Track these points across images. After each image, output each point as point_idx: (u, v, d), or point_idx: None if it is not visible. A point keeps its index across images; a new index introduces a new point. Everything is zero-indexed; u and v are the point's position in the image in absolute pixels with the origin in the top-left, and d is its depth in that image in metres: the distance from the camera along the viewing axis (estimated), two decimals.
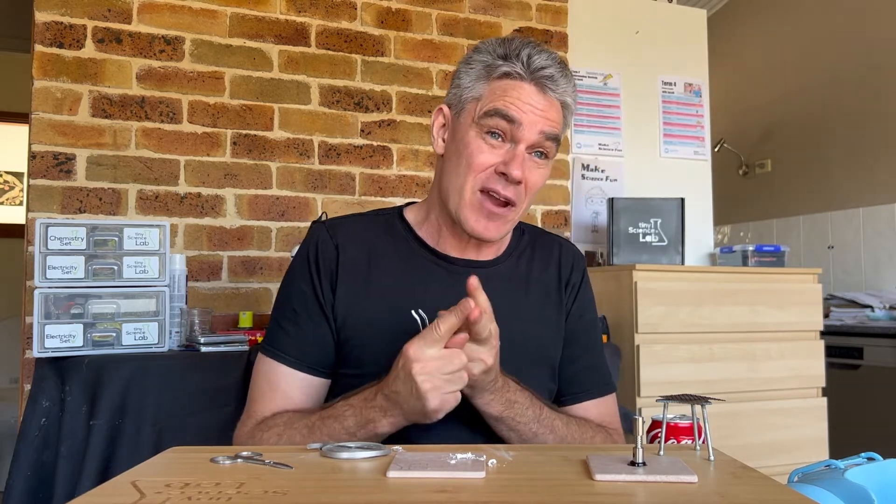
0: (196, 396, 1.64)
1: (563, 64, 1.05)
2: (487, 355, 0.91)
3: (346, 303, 1.05)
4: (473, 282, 0.89)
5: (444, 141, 1.09)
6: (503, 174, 1.01)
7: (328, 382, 1.08)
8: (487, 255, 1.12)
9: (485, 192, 1.02)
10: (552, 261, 1.18)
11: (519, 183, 1.02)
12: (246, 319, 2.03)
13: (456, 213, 1.04)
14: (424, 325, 0.95)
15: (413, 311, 1.02)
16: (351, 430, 0.93)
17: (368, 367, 1.01)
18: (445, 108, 1.10)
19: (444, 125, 1.10)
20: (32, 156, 2.00)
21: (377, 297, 1.06)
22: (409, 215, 1.15)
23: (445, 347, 0.88)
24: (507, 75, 1.02)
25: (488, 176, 1.02)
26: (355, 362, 1.05)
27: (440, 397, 0.87)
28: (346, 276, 1.06)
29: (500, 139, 1.02)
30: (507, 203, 1.03)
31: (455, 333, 0.88)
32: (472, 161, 1.02)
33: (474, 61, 1.06)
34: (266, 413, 1.03)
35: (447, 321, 0.87)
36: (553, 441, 1.02)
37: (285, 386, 1.04)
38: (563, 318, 1.15)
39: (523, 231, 1.20)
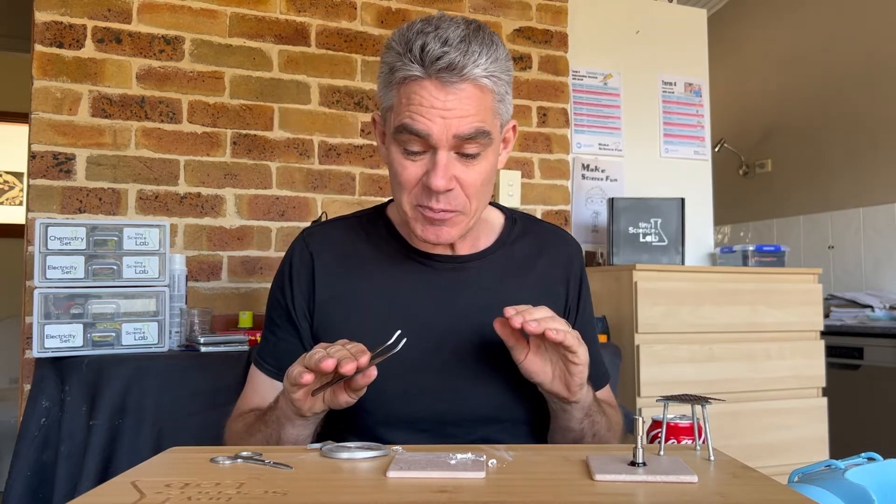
0: (196, 396, 1.64)
1: (468, 37, 0.91)
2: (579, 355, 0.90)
3: (323, 311, 1.05)
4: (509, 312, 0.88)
5: (386, 150, 1.02)
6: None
7: None
8: (463, 248, 1.08)
9: (421, 206, 0.97)
10: (548, 252, 1.14)
11: (449, 190, 0.95)
12: (246, 319, 2.03)
13: (406, 225, 1.02)
14: (395, 346, 0.85)
15: (399, 334, 0.87)
16: (273, 436, 0.95)
17: None
18: (377, 117, 1.03)
19: (383, 132, 1.03)
20: (32, 156, 2.00)
21: (354, 304, 1.04)
22: (393, 212, 1.11)
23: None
24: (407, 78, 0.92)
25: (419, 191, 0.96)
26: None
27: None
28: (323, 284, 1.06)
29: (418, 153, 0.95)
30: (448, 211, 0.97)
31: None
32: (400, 179, 0.97)
33: (383, 62, 0.97)
34: (245, 408, 1.08)
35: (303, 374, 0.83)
36: (605, 426, 1.03)
37: (262, 390, 1.07)
38: (563, 313, 1.11)
39: (515, 220, 1.15)
